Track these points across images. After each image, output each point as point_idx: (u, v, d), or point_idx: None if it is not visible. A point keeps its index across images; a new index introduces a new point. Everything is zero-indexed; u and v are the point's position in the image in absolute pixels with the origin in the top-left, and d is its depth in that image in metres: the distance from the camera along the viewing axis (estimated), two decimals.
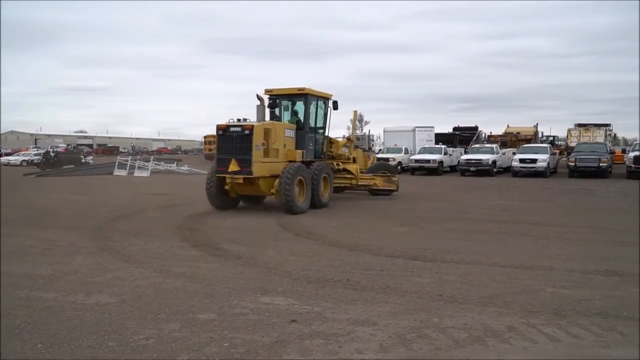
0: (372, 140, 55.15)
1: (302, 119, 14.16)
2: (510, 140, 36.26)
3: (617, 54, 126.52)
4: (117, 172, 30.62)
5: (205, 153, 54.30)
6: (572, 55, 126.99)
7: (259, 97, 13.41)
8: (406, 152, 32.16)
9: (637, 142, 32.84)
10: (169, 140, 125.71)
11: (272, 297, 5.63)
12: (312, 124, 14.43)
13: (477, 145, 32.43)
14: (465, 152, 31.66)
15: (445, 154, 30.87)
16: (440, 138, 36.11)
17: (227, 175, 12.38)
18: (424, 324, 4.75)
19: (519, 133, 37.53)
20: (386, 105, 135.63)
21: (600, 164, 24.97)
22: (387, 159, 30.38)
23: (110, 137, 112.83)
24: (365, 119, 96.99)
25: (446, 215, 12.82)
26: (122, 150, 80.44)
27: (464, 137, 37.77)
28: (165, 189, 19.93)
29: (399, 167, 27.91)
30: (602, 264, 7.22)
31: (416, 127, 35.32)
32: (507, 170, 28.91)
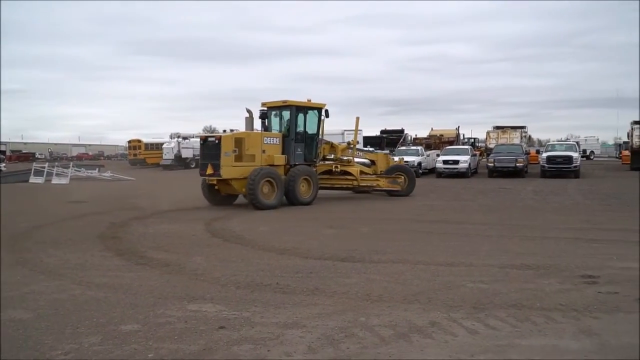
0: None
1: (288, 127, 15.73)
2: (435, 142, 37.67)
3: (529, 59, 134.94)
4: (34, 179, 28.83)
5: (130, 159, 51.43)
6: (489, 61, 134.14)
7: (248, 111, 15.62)
8: None
9: (550, 143, 35.18)
10: (90, 145, 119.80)
11: (200, 304, 5.52)
12: (300, 132, 15.84)
13: (404, 148, 33.37)
14: (392, 154, 32.52)
15: None
16: (368, 141, 36.86)
17: (206, 177, 14.71)
18: (351, 324, 4.84)
19: (442, 135, 39.09)
20: None
21: (517, 164, 26.48)
22: None
23: (25, 143, 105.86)
24: None
25: (373, 216, 13.12)
26: (39, 157, 75.71)
27: (390, 139, 38.78)
28: (86, 196, 18.99)
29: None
30: (517, 258, 7.66)
31: (345, 130, 35.87)
32: (432, 171, 30.01)
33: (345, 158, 17.61)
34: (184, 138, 45.71)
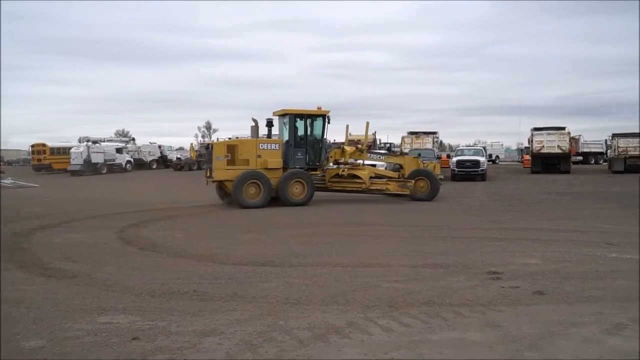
0: None
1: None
2: None
3: (438, 69, 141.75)
4: None
5: (34, 164, 47.76)
6: (401, 69, 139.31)
7: (253, 120, 17.56)
8: None
9: (459, 148, 37.12)
10: None
11: (111, 316, 5.28)
12: (301, 137, 16.87)
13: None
14: None
15: None
16: None
17: (207, 179, 16.62)
18: (270, 328, 4.84)
19: (359, 141, 40.01)
20: (235, 112, 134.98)
21: None
22: None
23: None
24: (213, 126, 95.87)
25: (292, 220, 13.19)
26: None
27: None
28: None
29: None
30: (430, 258, 8.02)
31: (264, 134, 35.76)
32: None
33: (356, 161, 18.01)
34: (94, 142, 43.42)
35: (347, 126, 19.57)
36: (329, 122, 17.21)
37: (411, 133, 36.83)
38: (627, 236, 9.88)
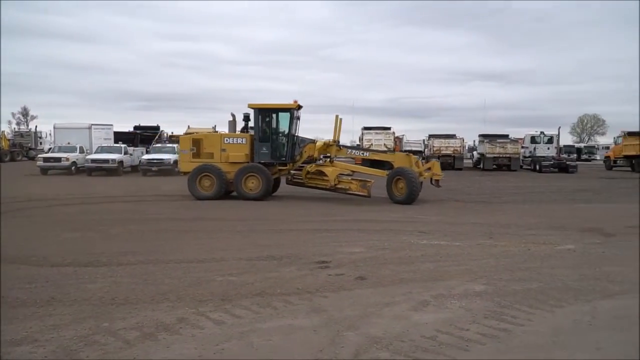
0: (41, 138, 49.03)
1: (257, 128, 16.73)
2: None
3: (279, 65, 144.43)
4: None
5: None
6: (245, 63, 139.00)
7: (232, 115, 17.70)
8: (82, 151, 29.85)
9: None
10: None
11: None
12: (265, 132, 16.69)
13: (159, 145, 32.47)
14: (147, 152, 31.33)
15: (126, 153, 29.90)
16: (120, 137, 34.76)
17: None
18: (93, 331, 4.58)
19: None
20: (58, 98, 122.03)
21: None
22: (58, 159, 27.76)
23: None
24: (32, 113, 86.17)
25: (125, 216, 12.49)
26: None
27: (145, 136, 37.26)
28: None
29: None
30: (264, 250, 8.24)
31: (92, 124, 33.12)
32: None
33: (327, 157, 17.12)
34: None
35: (337, 116, 17.35)
36: (298, 117, 17.09)
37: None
38: (436, 225, 11.24)
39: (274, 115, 17.04)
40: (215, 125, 41.02)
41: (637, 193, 19.88)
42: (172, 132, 40.14)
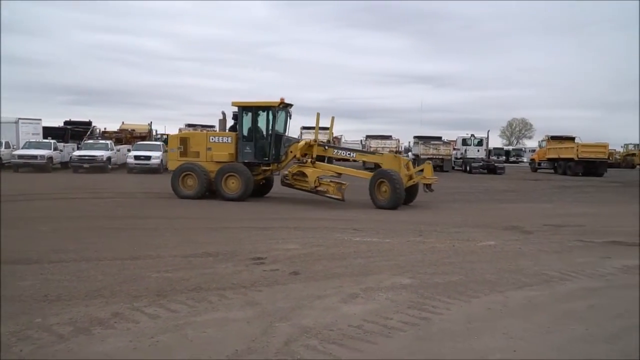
0: None
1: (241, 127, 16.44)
2: (126, 137, 36.49)
3: (215, 63, 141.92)
4: None
5: None
6: (181, 59, 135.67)
7: (222, 113, 17.82)
8: (7, 146, 28.39)
9: None
10: None
11: None
12: (249, 131, 16.27)
13: (91, 141, 31.41)
14: (79, 148, 30.23)
15: (56, 149, 28.73)
16: (49, 132, 33.28)
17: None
18: (25, 327, 4.58)
19: (134, 130, 38.10)
20: None
21: None
22: None
23: None
24: None
25: (58, 214, 12.14)
26: None
27: (76, 131, 35.85)
28: None
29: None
30: (201, 248, 8.34)
31: (19, 118, 31.53)
32: (123, 166, 29.11)
33: (308, 158, 16.07)
34: None
35: (318, 114, 16.59)
36: (290, 116, 16.86)
37: (189, 125, 36.58)
38: (370, 223, 11.70)
39: (258, 114, 16.45)
40: (151, 122, 40.18)
41: (555, 194, 21.42)
42: (105, 128, 38.76)
